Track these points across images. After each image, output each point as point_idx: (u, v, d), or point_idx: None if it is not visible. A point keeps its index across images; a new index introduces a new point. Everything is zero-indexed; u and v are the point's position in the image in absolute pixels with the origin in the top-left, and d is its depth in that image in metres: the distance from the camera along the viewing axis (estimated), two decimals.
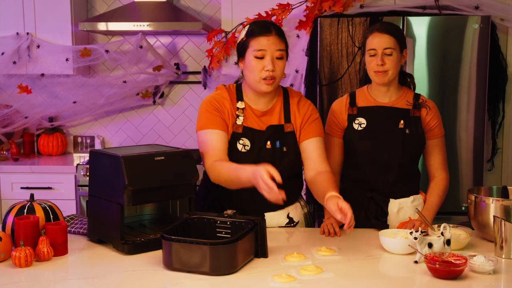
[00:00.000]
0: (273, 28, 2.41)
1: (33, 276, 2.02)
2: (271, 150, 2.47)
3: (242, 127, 2.47)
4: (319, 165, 2.47)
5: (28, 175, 4.17)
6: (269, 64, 2.37)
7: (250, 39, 2.41)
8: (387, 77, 2.55)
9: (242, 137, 2.46)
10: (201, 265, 1.99)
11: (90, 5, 4.66)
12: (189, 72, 4.67)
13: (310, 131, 2.50)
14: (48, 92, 4.66)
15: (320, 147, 2.51)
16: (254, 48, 2.38)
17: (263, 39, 2.38)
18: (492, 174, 4.06)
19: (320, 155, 2.50)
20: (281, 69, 2.41)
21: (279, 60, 2.39)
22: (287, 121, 2.51)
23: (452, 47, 3.68)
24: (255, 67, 2.39)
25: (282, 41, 2.41)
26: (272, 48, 2.37)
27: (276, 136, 2.48)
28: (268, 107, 2.50)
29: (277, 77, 2.41)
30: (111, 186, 2.25)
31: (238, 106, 2.49)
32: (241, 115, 2.48)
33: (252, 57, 2.39)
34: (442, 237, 2.14)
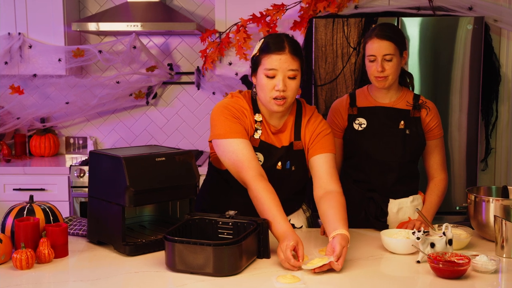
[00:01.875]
0: (287, 45, 2.27)
1: (35, 278, 2.01)
2: (281, 171, 2.40)
3: (259, 141, 2.38)
4: (327, 183, 2.33)
5: (21, 177, 4.14)
6: (279, 84, 2.25)
7: (262, 55, 2.29)
8: (388, 82, 2.56)
9: (257, 152, 2.37)
10: (204, 266, 1.98)
11: (82, 5, 4.63)
12: (182, 73, 4.66)
13: (319, 147, 2.38)
14: (40, 92, 4.63)
15: (329, 164, 2.37)
16: (266, 66, 2.27)
17: (275, 57, 2.25)
18: (485, 174, 4.09)
19: (329, 172, 2.35)
20: (293, 89, 2.28)
21: (291, 80, 2.27)
22: (297, 138, 2.41)
23: (446, 47, 3.70)
24: (266, 86, 2.28)
25: (296, 59, 2.27)
26: (284, 67, 2.25)
27: (287, 157, 2.40)
28: (281, 124, 2.41)
29: (289, 97, 2.29)
30: (112, 187, 2.23)
31: (256, 119, 2.38)
32: (259, 129, 2.38)
33: (263, 75, 2.28)
34: (444, 237, 2.15)
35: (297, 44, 2.33)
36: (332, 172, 2.36)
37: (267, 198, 2.19)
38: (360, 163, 2.65)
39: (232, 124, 2.32)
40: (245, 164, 2.27)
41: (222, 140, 2.32)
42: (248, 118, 2.37)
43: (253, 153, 2.30)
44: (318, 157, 2.38)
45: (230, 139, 2.30)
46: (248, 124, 2.36)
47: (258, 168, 2.28)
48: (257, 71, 2.32)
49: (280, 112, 2.34)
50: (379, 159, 2.61)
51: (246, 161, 2.27)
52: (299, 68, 2.29)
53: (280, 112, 2.35)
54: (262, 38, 2.36)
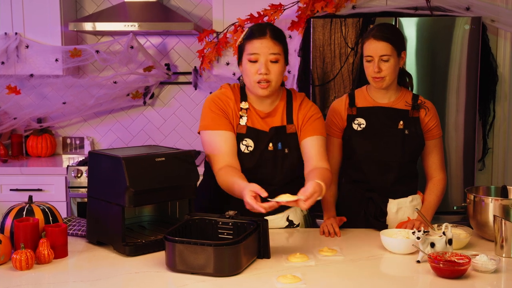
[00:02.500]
0: (268, 31, 2.36)
1: (34, 279, 2.00)
2: (273, 152, 2.45)
3: (245, 128, 2.45)
4: (317, 162, 2.41)
5: (18, 177, 4.12)
6: (262, 67, 2.34)
7: (245, 42, 2.39)
8: (385, 82, 2.56)
9: (246, 138, 2.44)
10: (205, 267, 1.98)
11: (79, 5, 4.62)
12: (180, 73, 4.65)
13: (310, 129, 2.46)
14: (37, 93, 4.62)
15: (320, 145, 2.45)
16: (248, 51, 2.37)
17: (257, 42, 2.35)
18: (482, 174, 4.10)
19: (319, 152, 2.44)
20: (276, 72, 2.37)
21: (274, 63, 2.36)
22: (290, 122, 2.48)
23: (443, 48, 3.71)
24: (249, 71, 2.37)
25: (277, 44, 2.36)
26: (265, 51, 2.34)
27: (278, 138, 2.46)
28: (271, 109, 2.49)
29: (273, 81, 2.37)
30: (112, 188, 2.23)
31: (242, 106, 2.46)
32: (244, 115, 2.46)
33: (246, 60, 2.38)
34: (444, 236, 2.16)
35: (279, 30, 2.42)
36: (322, 153, 2.44)
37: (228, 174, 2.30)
38: (359, 163, 2.65)
39: (214, 116, 2.42)
40: (217, 156, 2.38)
41: (204, 132, 2.44)
42: (232, 107, 2.45)
43: (228, 146, 2.39)
44: (309, 139, 2.45)
45: (210, 130, 2.42)
46: (231, 114, 2.45)
47: (227, 160, 2.37)
48: (242, 58, 2.41)
49: (265, 96, 2.41)
50: (378, 159, 2.61)
51: (218, 153, 2.38)
52: (281, 52, 2.37)
53: (266, 96, 2.42)
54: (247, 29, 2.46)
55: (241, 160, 2.41)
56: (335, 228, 2.50)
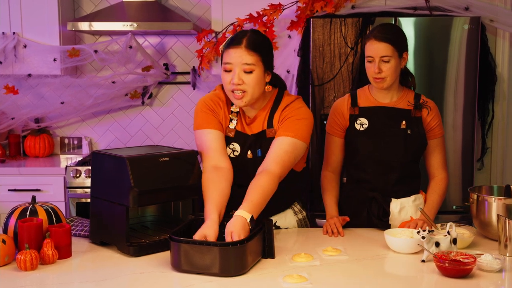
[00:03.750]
0: (245, 40, 2.29)
1: (39, 279, 1.99)
2: (252, 160, 2.40)
3: (234, 132, 2.43)
4: (270, 163, 2.28)
5: (16, 177, 4.11)
6: (235, 77, 2.29)
7: (224, 50, 2.35)
8: (385, 83, 2.56)
9: (233, 142, 2.43)
10: (210, 267, 1.98)
11: (77, 4, 4.61)
12: (178, 73, 4.64)
13: (281, 129, 2.35)
14: (35, 92, 4.60)
15: (281, 146, 2.31)
16: (224, 60, 2.33)
17: (231, 51, 2.30)
18: (481, 173, 4.11)
19: (276, 153, 2.30)
20: (250, 83, 2.29)
21: (248, 74, 2.29)
22: (270, 125, 2.41)
23: (442, 47, 3.71)
24: (224, 80, 2.34)
25: (252, 54, 2.28)
26: (238, 61, 2.28)
27: (257, 145, 2.40)
28: (254, 114, 2.44)
29: (248, 91, 2.30)
30: (116, 188, 2.22)
31: (233, 110, 2.44)
32: (234, 119, 2.44)
33: (222, 70, 2.34)
34: (448, 236, 2.16)
35: (259, 39, 2.34)
36: (281, 155, 2.30)
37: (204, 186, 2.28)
38: (362, 163, 2.65)
39: (205, 116, 2.42)
40: (206, 154, 2.38)
41: (196, 131, 2.44)
42: (223, 109, 2.44)
43: (217, 144, 2.38)
44: (277, 138, 2.35)
45: (201, 129, 2.41)
46: (222, 115, 2.43)
47: (216, 158, 2.35)
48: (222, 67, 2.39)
49: (242, 106, 2.37)
50: (381, 159, 2.62)
51: (207, 151, 2.37)
52: (257, 62, 2.30)
53: (243, 106, 2.39)
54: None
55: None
56: (338, 228, 2.50)
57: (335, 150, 2.70)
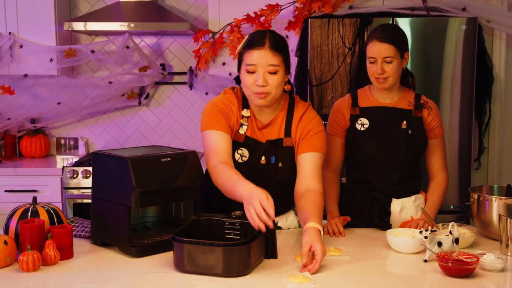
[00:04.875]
0: (267, 41, 2.27)
1: (42, 280, 1.98)
2: (265, 165, 2.40)
3: (244, 137, 2.40)
4: (310, 181, 2.33)
5: (12, 178, 4.08)
6: (260, 78, 2.26)
7: (244, 51, 2.32)
8: (388, 83, 2.57)
9: (242, 147, 2.39)
10: (214, 267, 1.97)
11: (73, 4, 4.59)
12: (175, 73, 4.64)
13: (307, 145, 2.38)
14: (31, 93, 4.58)
15: (315, 163, 2.36)
16: (246, 61, 2.29)
17: (255, 53, 2.27)
18: (478, 173, 4.13)
19: (313, 171, 2.35)
20: (274, 84, 2.28)
21: (272, 75, 2.27)
22: (287, 135, 2.41)
23: (440, 48, 3.73)
24: (247, 81, 2.30)
25: (276, 55, 2.27)
26: (263, 62, 2.26)
27: (272, 151, 2.40)
28: (270, 119, 2.42)
29: (271, 92, 2.29)
30: (118, 188, 2.21)
31: (244, 114, 2.41)
32: (245, 124, 2.40)
33: (244, 71, 2.31)
34: (450, 235, 2.17)
35: (280, 39, 2.33)
36: (316, 172, 2.36)
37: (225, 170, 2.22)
38: (363, 163, 2.66)
39: (214, 117, 2.37)
40: (213, 154, 2.32)
41: (203, 132, 2.39)
42: (235, 114, 2.39)
43: (225, 145, 2.34)
44: (305, 155, 2.37)
45: (209, 130, 2.36)
46: (233, 120, 2.39)
47: (224, 157, 2.31)
48: (241, 67, 2.35)
49: (264, 106, 2.35)
50: (382, 159, 2.62)
51: (214, 151, 2.32)
52: (281, 63, 2.29)
53: (264, 106, 2.36)
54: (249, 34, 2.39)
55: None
56: (340, 228, 2.50)
57: (335, 150, 2.70)
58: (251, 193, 2.06)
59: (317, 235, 2.08)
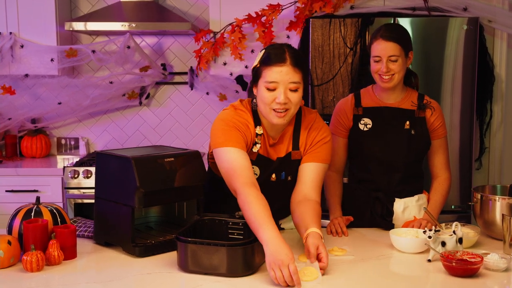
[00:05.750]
0: (288, 57, 2.19)
1: (46, 280, 1.98)
2: (275, 182, 2.38)
3: (256, 155, 2.34)
4: (309, 191, 2.30)
5: (13, 178, 4.08)
6: (280, 96, 2.17)
7: (263, 67, 2.21)
8: (393, 82, 2.57)
9: (254, 165, 2.34)
10: (218, 267, 1.97)
11: (74, 4, 4.59)
12: (176, 73, 4.63)
13: (313, 155, 2.34)
14: (32, 93, 4.58)
15: (317, 174, 2.33)
16: (266, 79, 2.19)
17: (276, 69, 2.17)
18: (479, 173, 4.13)
19: (314, 181, 2.32)
20: (295, 101, 2.21)
21: (293, 92, 2.19)
22: (295, 148, 2.36)
23: (441, 48, 3.73)
24: (267, 99, 2.20)
25: (297, 71, 2.19)
26: (285, 80, 2.17)
27: (281, 168, 2.37)
28: (280, 134, 2.37)
29: (291, 109, 2.22)
30: (121, 188, 2.21)
31: (257, 132, 2.33)
32: (258, 143, 2.33)
33: (263, 88, 2.21)
34: (454, 235, 2.17)
35: (299, 55, 2.26)
36: (317, 182, 2.33)
37: (256, 203, 2.09)
38: (365, 163, 2.66)
39: (232, 133, 2.26)
40: (237, 172, 2.20)
41: (220, 149, 2.26)
42: (251, 132, 2.32)
43: (248, 163, 2.23)
44: (308, 165, 2.34)
45: (227, 147, 2.24)
46: (249, 138, 2.31)
47: (250, 176, 2.20)
48: (257, 82, 2.25)
49: (281, 124, 2.28)
50: (384, 159, 2.62)
51: (239, 169, 2.20)
52: (301, 80, 2.21)
53: (283, 124, 2.28)
54: (263, 49, 2.30)
55: None
56: (343, 228, 2.50)
57: (338, 150, 2.70)
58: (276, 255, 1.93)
59: (321, 239, 2.07)
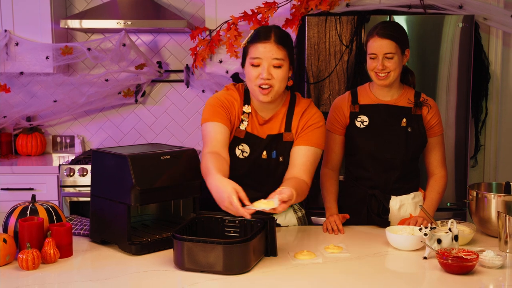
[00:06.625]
0: (273, 35, 2.30)
1: (42, 278, 1.98)
2: (266, 160, 2.41)
3: (244, 133, 2.40)
4: (300, 173, 2.32)
5: (8, 176, 4.06)
6: (264, 72, 2.28)
7: (249, 45, 2.34)
8: (389, 80, 2.57)
9: (243, 143, 2.40)
10: (214, 265, 1.97)
11: (69, 2, 4.57)
12: (171, 71, 4.62)
13: (305, 138, 2.39)
14: (27, 91, 4.56)
15: (308, 157, 2.36)
16: (251, 55, 2.31)
17: (260, 46, 2.29)
18: (475, 170, 4.14)
19: (304, 164, 2.34)
20: (279, 78, 2.29)
21: (277, 69, 2.29)
22: (288, 129, 2.41)
23: (436, 45, 3.73)
24: (251, 75, 2.31)
25: (281, 48, 2.29)
26: (268, 56, 2.28)
27: (273, 146, 2.41)
28: (271, 114, 2.43)
29: (275, 86, 2.30)
30: (117, 186, 2.21)
31: (245, 110, 2.42)
32: (245, 120, 2.41)
33: (249, 64, 2.32)
34: (450, 233, 2.17)
35: (285, 34, 2.35)
36: (308, 166, 2.35)
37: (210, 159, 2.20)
38: (362, 160, 2.66)
39: (215, 110, 2.37)
40: (207, 142, 2.32)
41: (203, 125, 2.39)
42: (237, 109, 2.40)
43: (221, 136, 2.33)
44: (300, 148, 2.38)
45: (208, 122, 2.37)
46: (235, 115, 2.40)
47: (217, 147, 2.30)
48: (245, 61, 2.36)
49: (267, 102, 2.34)
50: (381, 157, 2.62)
51: (209, 140, 2.32)
52: (285, 57, 2.31)
53: (267, 102, 2.35)
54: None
55: (234, 165, 2.36)
56: (339, 225, 2.50)
57: (334, 147, 2.70)
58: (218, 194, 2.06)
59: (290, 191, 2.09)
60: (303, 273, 2.01)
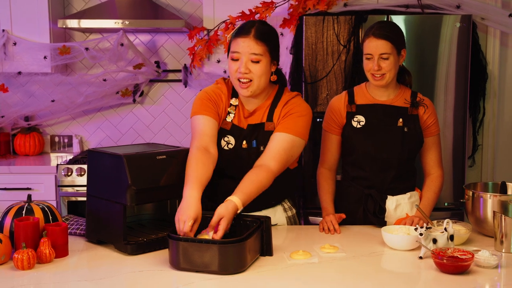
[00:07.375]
0: (253, 30, 2.33)
1: (37, 278, 1.98)
2: (246, 150, 2.42)
3: (230, 125, 2.44)
4: (268, 159, 2.30)
5: (6, 176, 4.07)
6: (242, 66, 2.32)
7: (231, 40, 2.39)
8: (384, 80, 2.57)
9: (228, 135, 2.43)
10: (209, 265, 1.97)
11: (67, 2, 4.57)
12: (169, 70, 4.63)
13: (282, 125, 2.37)
14: (25, 90, 4.56)
15: (281, 144, 2.33)
16: (231, 49, 2.36)
17: (240, 40, 2.33)
18: (472, 170, 4.14)
19: (275, 150, 2.32)
20: (257, 72, 2.33)
21: (255, 63, 2.32)
22: (269, 119, 2.43)
23: (434, 45, 3.73)
24: (231, 68, 2.37)
25: (260, 44, 2.32)
26: (246, 51, 2.32)
27: (253, 135, 2.42)
28: (255, 107, 2.46)
29: (255, 80, 2.34)
30: (113, 186, 2.21)
31: (232, 103, 2.47)
32: (232, 112, 2.45)
33: (230, 59, 2.37)
34: (445, 232, 2.17)
35: (266, 30, 2.37)
36: (279, 152, 2.32)
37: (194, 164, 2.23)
38: (359, 160, 2.66)
39: (203, 103, 2.42)
40: (195, 136, 2.36)
41: (191, 118, 2.44)
42: (224, 102, 2.46)
43: (208, 129, 2.38)
44: (276, 134, 2.37)
45: (197, 115, 2.41)
46: (222, 108, 2.45)
47: (205, 141, 2.34)
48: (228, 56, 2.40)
49: (247, 96, 2.39)
50: (378, 157, 2.62)
51: (197, 133, 2.36)
52: (264, 53, 2.33)
53: (249, 97, 2.40)
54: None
55: (220, 156, 2.39)
56: (335, 225, 2.50)
57: (331, 147, 2.70)
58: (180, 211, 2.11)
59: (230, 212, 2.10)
60: (299, 273, 2.01)
